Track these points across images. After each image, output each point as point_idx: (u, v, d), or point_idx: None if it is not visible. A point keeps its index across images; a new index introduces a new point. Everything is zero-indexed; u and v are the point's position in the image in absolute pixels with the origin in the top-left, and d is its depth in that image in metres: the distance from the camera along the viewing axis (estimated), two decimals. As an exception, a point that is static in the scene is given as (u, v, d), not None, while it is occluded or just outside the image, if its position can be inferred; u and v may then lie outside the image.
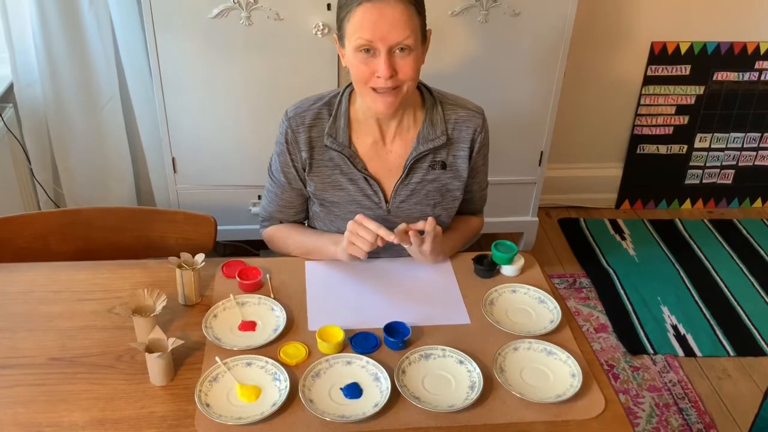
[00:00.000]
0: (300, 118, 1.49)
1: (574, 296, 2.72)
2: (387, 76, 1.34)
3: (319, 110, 1.50)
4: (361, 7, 1.32)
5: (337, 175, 1.52)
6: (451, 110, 1.52)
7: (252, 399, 1.18)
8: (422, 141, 1.50)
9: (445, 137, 1.50)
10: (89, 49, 2.37)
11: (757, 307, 2.69)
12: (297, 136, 1.49)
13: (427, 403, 1.18)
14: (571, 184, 3.24)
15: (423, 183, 1.53)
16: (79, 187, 2.59)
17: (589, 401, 1.21)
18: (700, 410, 2.23)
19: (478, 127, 1.53)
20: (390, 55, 1.34)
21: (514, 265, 1.50)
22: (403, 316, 1.35)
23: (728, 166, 3.27)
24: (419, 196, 1.54)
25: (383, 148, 1.52)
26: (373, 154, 1.52)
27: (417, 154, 1.50)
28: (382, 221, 1.44)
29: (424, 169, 1.52)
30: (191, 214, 1.68)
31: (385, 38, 1.32)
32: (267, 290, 1.44)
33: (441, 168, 1.53)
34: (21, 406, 1.16)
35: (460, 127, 1.52)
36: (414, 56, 1.36)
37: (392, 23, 1.31)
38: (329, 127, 1.49)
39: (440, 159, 1.53)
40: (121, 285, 1.44)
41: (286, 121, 1.50)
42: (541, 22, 2.31)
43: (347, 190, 1.53)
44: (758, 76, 3.06)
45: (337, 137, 1.48)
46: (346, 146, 1.49)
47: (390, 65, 1.34)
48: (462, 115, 1.52)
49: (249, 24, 2.18)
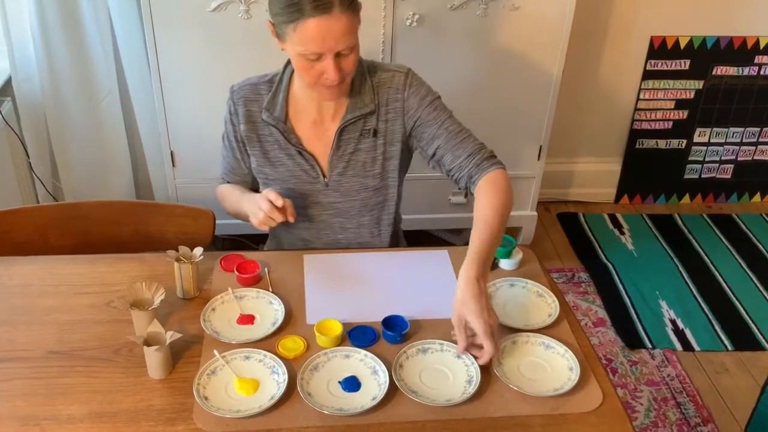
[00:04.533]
0: (241, 91, 1.56)
1: (573, 290, 2.72)
2: (337, 79, 1.38)
3: (260, 86, 1.55)
4: (307, 22, 1.31)
5: (276, 151, 1.56)
6: (375, 76, 1.53)
7: (250, 392, 1.18)
8: (350, 110, 1.52)
9: (373, 105, 1.52)
10: (87, 42, 2.36)
11: (755, 301, 2.69)
12: (237, 108, 1.56)
13: (424, 397, 1.18)
14: (570, 179, 3.24)
15: (357, 153, 1.55)
16: (78, 180, 2.59)
17: (586, 395, 1.21)
18: (698, 404, 2.24)
19: (399, 85, 1.52)
20: (336, 57, 1.37)
21: (512, 258, 1.50)
22: (401, 309, 1.35)
23: (727, 160, 3.26)
24: (356, 168, 1.56)
25: (321, 127, 1.55)
26: (311, 134, 1.55)
27: (344, 122, 1.52)
28: (321, 195, 1.57)
29: (355, 139, 1.55)
30: (190, 208, 1.68)
31: (333, 49, 1.35)
32: (265, 284, 1.44)
33: (372, 136, 1.54)
34: (19, 399, 1.16)
35: (383, 90, 1.53)
36: (355, 51, 1.40)
37: (339, 35, 1.33)
38: (267, 102, 1.53)
39: (370, 127, 1.54)
40: (120, 278, 1.45)
41: (231, 95, 1.57)
42: (541, 16, 2.31)
43: (286, 165, 1.56)
44: (758, 70, 3.05)
45: (274, 112, 1.53)
46: (281, 121, 1.53)
47: (337, 68, 1.37)
48: (384, 77, 1.53)
49: (248, 17, 2.17)
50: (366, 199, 1.59)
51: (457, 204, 2.65)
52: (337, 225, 1.62)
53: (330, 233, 1.63)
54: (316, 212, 1.60)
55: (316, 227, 1.63)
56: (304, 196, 1.58)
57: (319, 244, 1.65)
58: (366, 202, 1.59)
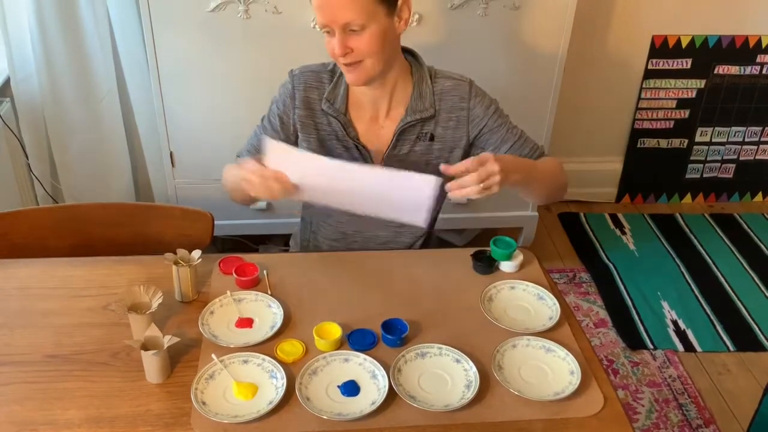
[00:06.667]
0: (302, 76, 1.55)
1: (574, 291, 2.71)
2: (340, 54, 1.39)
3: (322, 74, 1.55)
4: None
5: (332, 141, 1.56)
6: (438, 83, 1.55)
7: (248, 397, 1.17)
8: (410, 112, 1.53)
9: (433, 109, 1.53)
10: (86, 42, 2.35)
11: (757, 302, 2.68)
12: (296, 92, 1.54)
13: (422, 402, 1.17)
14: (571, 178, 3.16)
15: (411, 154, 1.56)
16: (77, 181, 2.58)
17: (588, 399, 1.20)
18: (699, 405, 2.23)
19: (465, 94, 1.54)
20: (344, 33, 1.38)
21: (512, 261, 1.50)
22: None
23: (729, 160, 3.25)
24: (408, 168, 1.54)
25: (376, 124, 1.56)
26: (367, 129, 1.56)
27: (404, 124, 1.53)
28: None
29: (412, 141, 1.55)
30: (188, 210, 1.67)
31: (335, 20, 1.36)
32: (264, 287, 1.43)
33: (429, 140, 1.55)
34: (16, 404, 1.16)
35: (446, 98, 1.54)
36: (369, 33, 1.38)
37: (337, 6, 1.35)
38: (328, 92, 1.53)
39: (428, 131, 1.55)
40: (118, 281, 1.44)
41: (291, 78, 1.55)
42: (542, 15, 2.30)
43: (341, 157, 1.54)
44: (760, 69, 3.04)
45: (335, 103, 1.53)
46: (341, 113, 1.53)
47: (342, 44, 1.38)
48: (447, 85, 1.54)
49: (247, 17, 2.16)
50: None
51: (457, 204, 2.64)
52: (381, 222, 1.61)
53: (372, 228, 1.64)
54: None
55: (359, 221, 1.61)
56: None
57: (358, 238, 1.65)
58: None
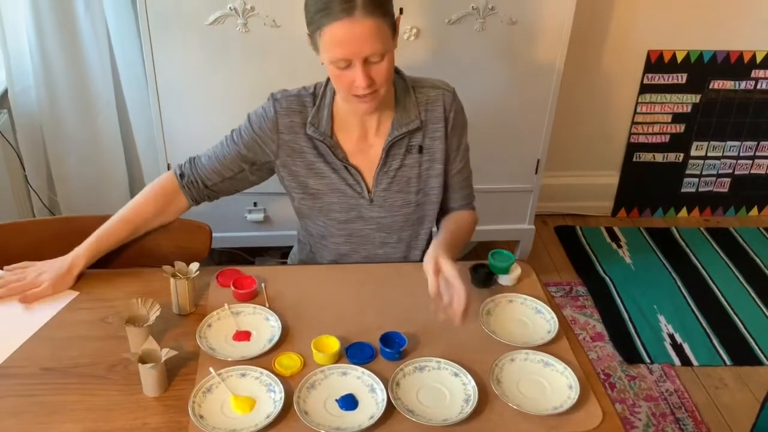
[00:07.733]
0: (285, 101, 1.51)
1: (571, 304, 2.71)
2: (365, 86, 1.37)
3: (305, 98, 1.53)
4: (330, 27, 1.32)
5: (320, 163, 1.54)
6: (422, 93, 1.54)
7: (246, 410, 1.17)
8: (396, 126, 1.52)
9: (418, 121, 1.52)
10: (85, 54, 2.36)
11: (753, 316, 2.68)
12: (279, 118, 1.51)
13: (421, 416, 1.17)
14: (568, 192, 3.24)
15: (402, 169, 1.55)
16: (74, 193, 2.57)
17: (586, 413, 1.20)
18: (696, 420, 2.23)
19: (447, 104, 1.54)
20: (365, 64, 1.36)
21: (510, 274, 1.50)
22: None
23: (724, 174, 3.27)
24: (400, 184, 1.56)
25: (365, 142, 1.55)
26: (356, 149, 1.54)
27: (392, 139, 1.52)
28: (364, 209, 1.55)
29: (401, 155, 1.55)
30: (186, 222, 1.66)
31: (358, 53, 1.34)
32: (262, 299, 1.43)
33: (418, 152, 1.55)
34: (12, 418, 1.15)
35: (431, 108, 1.54)
36: (387, 59, 1.38)
37: (363, 39, 1.32)
38: (312, 117, 1.51)
39: (416, 143, 1.55)
40: (115, 294, 1.43)
41: (273, 102, 1.52)
42: (538, 30, 2.31)
43: (330, 178, 1.54)
44: (754, 84, 3.06)
45: (319, 127, 1.51)
46: (327, 136, 1.51)
47: (366, 75, 1.36)
48: (432, 95, 1.54)
49: (245, 31, 2.17)
50: (408, 214, 1.58)
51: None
52: (378, 240, 1.61)
53: (370, 247, 1.63)
54: (358, 226, 1.59)
55: (357, 241, 1.61)
56: (346, 209, 1.57)
57: (357, 257, 1.64)
58: (408, 217, 1.59)
